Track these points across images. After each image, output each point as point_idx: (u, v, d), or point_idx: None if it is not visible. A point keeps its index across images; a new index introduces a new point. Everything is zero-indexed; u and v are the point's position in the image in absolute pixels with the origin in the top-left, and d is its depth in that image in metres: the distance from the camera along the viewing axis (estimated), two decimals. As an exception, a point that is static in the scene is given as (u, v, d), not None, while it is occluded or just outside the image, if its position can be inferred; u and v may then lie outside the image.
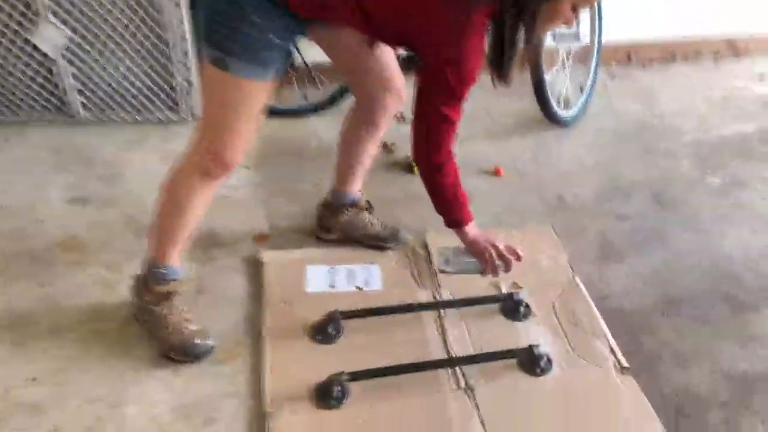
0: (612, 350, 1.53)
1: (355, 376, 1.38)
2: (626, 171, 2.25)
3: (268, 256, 1.76)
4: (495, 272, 1.46)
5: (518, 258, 1.44)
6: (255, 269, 1.72)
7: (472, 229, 1.46)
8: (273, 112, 2.26)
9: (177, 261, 1.47)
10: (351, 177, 1.75)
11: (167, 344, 1.46)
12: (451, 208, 1.45)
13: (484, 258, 1.45)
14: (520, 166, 2.24)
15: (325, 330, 1.51)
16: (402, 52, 1.59)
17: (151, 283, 1.45)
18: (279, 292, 1.63)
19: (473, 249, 1.46)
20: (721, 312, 1.71)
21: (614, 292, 1.75)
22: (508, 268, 1.45)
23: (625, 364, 1.49)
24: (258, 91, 1.31)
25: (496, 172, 2.18)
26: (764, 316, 1.70)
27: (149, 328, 1.49)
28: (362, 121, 1.65)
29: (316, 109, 2.44)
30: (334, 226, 1.81)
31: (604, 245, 1.92)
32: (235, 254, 1.78)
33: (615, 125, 2.52)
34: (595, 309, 1.64)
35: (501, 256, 1.44)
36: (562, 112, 2.40)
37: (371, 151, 1.71)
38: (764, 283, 1.81)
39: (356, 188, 1.78)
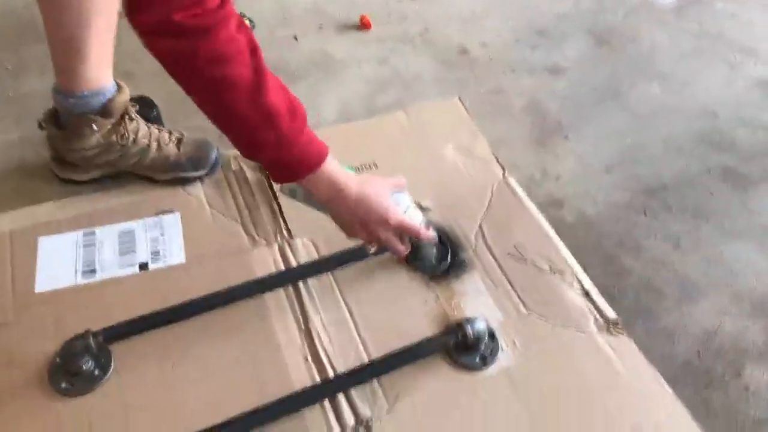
0: (586, 294, 0.95)
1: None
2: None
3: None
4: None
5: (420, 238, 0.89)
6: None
7: (331, 180, 0.79)
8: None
9: None
10: (81, 60, 0.91)
11: None
12: (264, 135, 0.73)
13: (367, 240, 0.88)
14: (395, 8, 1.56)
15: (75, 369, 0.81)
16: None
17: None
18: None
19: (347, 232, 0.86)
20: (722, 195, 1.20)
21: (568, 193, 1.16)
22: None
23: (612, 314, 0.92)
24: None
25: (362, 24, 1.50)
26: (779, 193, 1.19)
27: None
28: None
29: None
30: (79, 156, 0.99)
31: (539, 116, 1.31)
32: None
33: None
34: (546, 226, 1.03)
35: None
36: None
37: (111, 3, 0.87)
38: (765, 140, 1.26)
39: (102, 76, 0.94)
